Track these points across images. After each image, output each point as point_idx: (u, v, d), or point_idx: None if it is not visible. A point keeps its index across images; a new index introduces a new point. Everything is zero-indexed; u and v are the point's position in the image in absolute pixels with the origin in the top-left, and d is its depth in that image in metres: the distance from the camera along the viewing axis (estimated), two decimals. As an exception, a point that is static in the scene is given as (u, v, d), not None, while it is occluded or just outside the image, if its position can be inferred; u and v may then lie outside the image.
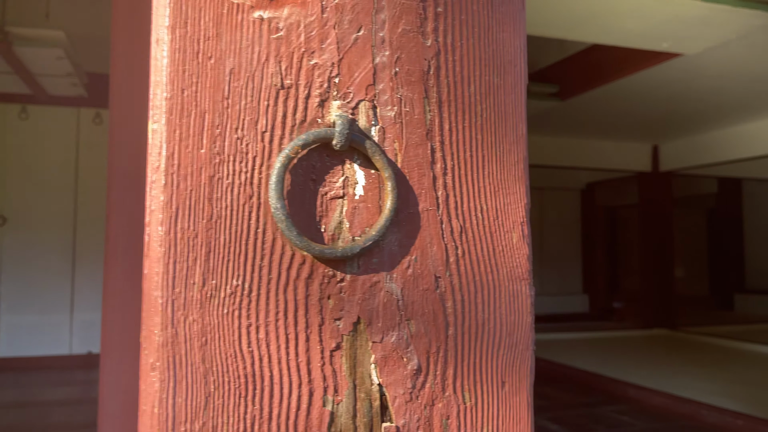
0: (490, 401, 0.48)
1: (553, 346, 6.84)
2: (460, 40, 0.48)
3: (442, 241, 0.47)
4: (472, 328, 0.47)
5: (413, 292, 0.46)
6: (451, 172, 0.48)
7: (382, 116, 0.46)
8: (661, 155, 8.12)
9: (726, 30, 3.59)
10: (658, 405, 4.13)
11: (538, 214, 9.44)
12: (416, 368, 0.45)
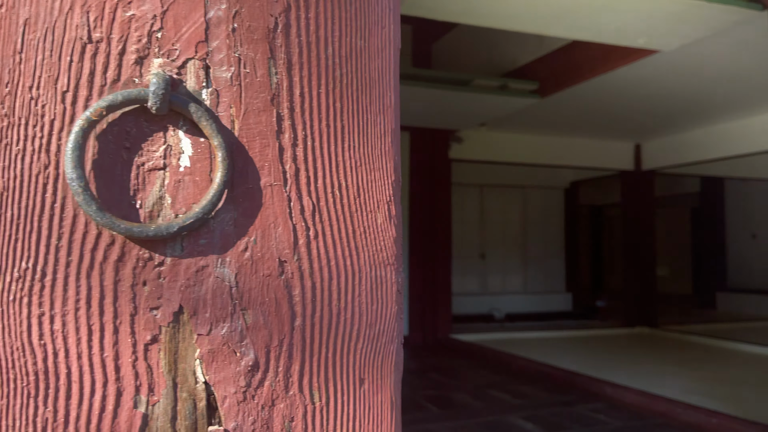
0: (345, 401, 0.43)
1: (535, 344, 6.82)
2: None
3: (289, 221, 0.42)
4: (325, 319, 0.42)
5: (251, 278, 0.40)
6: (302, 143, 0.42)
7: (216, 78, 0.40)
8: (644, 154, 8.12)
9: (701, 26, 3.56)
10: (633, 403, 4.11)
11: (521, 213, 9.43)
12: (252, 364, 0.40)
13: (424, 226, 7.15)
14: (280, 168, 0.42)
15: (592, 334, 7.76)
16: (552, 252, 9.56)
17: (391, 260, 0.45)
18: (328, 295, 0.42)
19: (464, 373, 5.33)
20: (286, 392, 0.41)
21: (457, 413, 3.94)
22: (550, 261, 9.53)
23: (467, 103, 5.44)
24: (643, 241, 8.08)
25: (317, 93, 0.43)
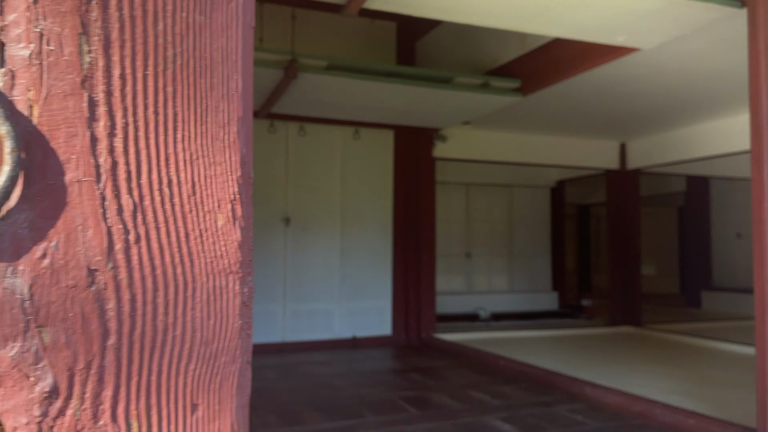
0: (172, 430, 0.37)
1: (520, 343, 6.79)
2: (137, -39, 0.37)
3: (102, 223, 0.36)
4: (147, 337, 0.36)
5: (51, 290, 0.34)
6: (122, 132, 0.37)
7: (12, 56, 0.35)
8: (629, 153, 8.12)
9: (680, 24, 3.53)
10: (612, 403, 4.08)
11: (508, 212, 9.41)
12: (50, 390, 0.34)
13: (408, 226, 7.10)
14: (92, 161, 0.36)
15: (577, 333, 7.74)
16: (538, 251, 9.54)
17: (234, 268, 0.40)
18: (152, 309, 0.37)
19: (445, 373, 5.29)
20: (95, 422, 0.35)
21: (434, 414, 3.89)
22: (536, 260, 9.52)
23: (449, 101, 5.39)
24: (628, 240, 8.08)
25: (143, 75, 0.37)
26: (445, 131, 7.25)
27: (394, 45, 7.12)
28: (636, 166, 8.01)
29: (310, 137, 6.78)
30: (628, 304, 8.03)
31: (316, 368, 5.49)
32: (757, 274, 3.03)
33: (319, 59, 4.62)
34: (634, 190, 8.11)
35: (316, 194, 6.76)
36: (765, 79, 3.02)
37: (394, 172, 7.09)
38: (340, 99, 5.46)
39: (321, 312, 6.71)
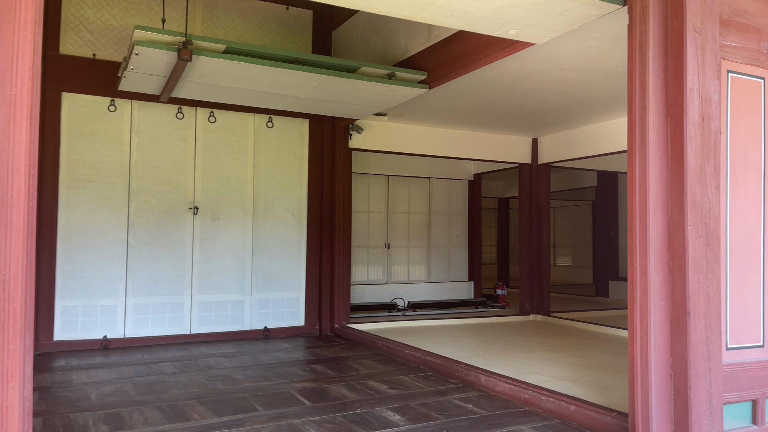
0: None
1: (432, 332, 6.88)
2: None
3: None
4: None
5: None
6: None
7: None
8: (540, 148, 8.35)
9: (567, 19, 3.61)
10: (504, 391, 4.18)
11: (426, 204, 9.50)
12: None
13: (323, 216, 7.03)
14: None
15: (489, 322, 7.93)
16: (456, 242, 9.69)
17: None
18: None
19: (350, 363, 5.27)
20: None
21: (327, 406, 3.86)
22: (453, 251, 9.67)
23: (357, 90, 5.34)
24: (539, 233, 8.32)
25: None
26: (362, 122, 7.20)
27: (310, 33, 7.00)
28: (546, 160, 8.26)
29: (220, 124, 6.57)
30: (537, 293, 8.29)
31: (219, 361, 5.35)
32: (630, 264, 3.15)
33: (216, 42, 4.45)
34: (544, 184, 8.36)
35: (226, 183, 6.57)
36: (639, 77, 3.13)
37: (309, 161, 6.99)
38: (249, 85, 5.30)
39: (231, 303, 6.55)
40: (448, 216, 9.65)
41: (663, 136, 3.08)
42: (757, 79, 3.38)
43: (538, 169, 8.38)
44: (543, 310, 8.26)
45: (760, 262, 3.36)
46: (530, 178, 8.41)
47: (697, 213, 3.00)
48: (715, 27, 3.10)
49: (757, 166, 3.36)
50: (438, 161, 9.23)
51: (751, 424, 3.28)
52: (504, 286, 9.64)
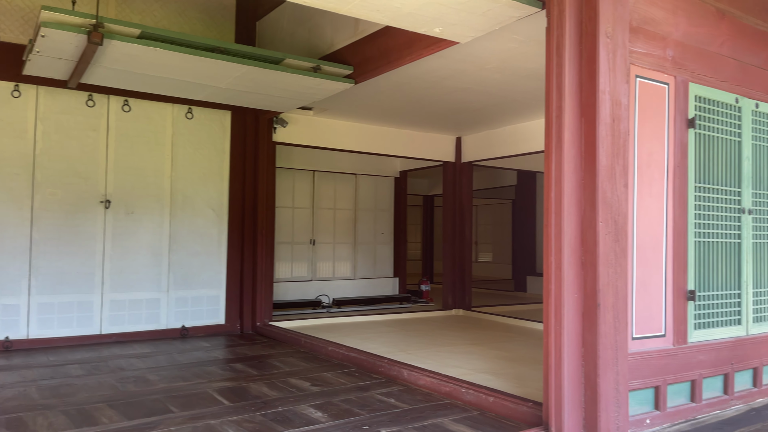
0: None
1: (356, 329, 6.87)
2: None
3: None
4: None
5: None
6: None
7: None
8: (464, 146, 8.52)
9: (489, 19, 3.68)
10: (425, 385, 4.22)
11: (353, 200, 9.48)
12: None
13: (245, 211, 6.85)
14: None
15: (413, 317, 8.02)
16: (382, 239, 9.74)
17: None
18: None
19: (272, 361, 5.17)
20: None
21: (246, 405, 3.76)
22: (379, 247, 9.71)
23: (281, 83, 5.24)
24: (461, 229, 8.50)
25: None
26: (287, 116, 7.07)
27: (233, 23, 6.79)
28: (469, 159, 8.44)
29: (136, 113, 6.26)
30: (460, 288, 8.47)
31: (132, 362, 5.10)
32: (546, 259, 3.26)
33: (131, 26, 4.22)
34: (467, 182, 8.54)
35: (142, 175, 6.27)
36: (556, 79, 3.24)
37: (231, 155, 6.79)
38: (166, 74, 5.07)
39: (146, 302, 6.26)
40: (374, 212, 9.67)
41: (577, 136, 3.20)
42: (662, 84, 3.59)
43: (462, 167, 8.56)
44: (465, 304, 8.45)
45: (663, 256, 3.57)
46: (454, 176, 8.58)
47: (608, 210, 3.14)
48: (625, 33, 3.25)
49: (660, 166, 3.57)
50: (365, 157, 9.23)
51: (654, 410, 3.49)
52: (428, 282, 9.78)
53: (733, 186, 3.98)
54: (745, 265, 4.03)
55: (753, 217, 4.10)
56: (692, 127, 3.71)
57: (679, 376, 3.60)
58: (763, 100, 4.21)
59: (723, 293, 3.90)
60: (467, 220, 8.53)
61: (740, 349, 3.97)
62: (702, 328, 3.76)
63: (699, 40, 3.78)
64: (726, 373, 3.89)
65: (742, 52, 4.06)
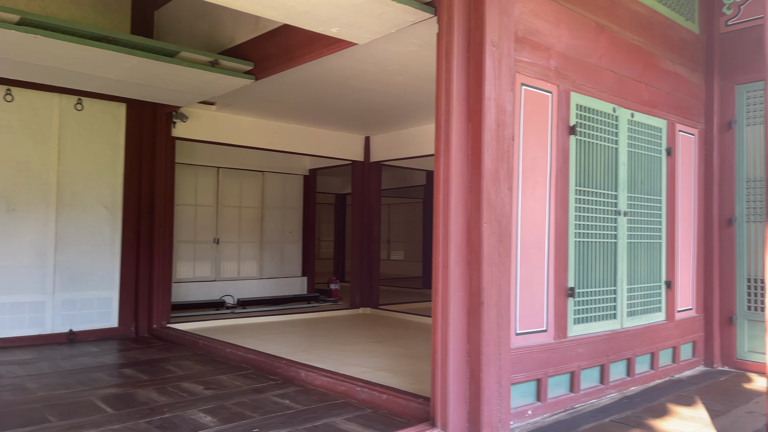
0: None
1: (260, 329, 6.75)
2: None
3: None
4: None
5: None
6: None
7: None
8: (372, 146, 8.60)
9: (385, 22, 3.73)
10: (322, 385, 4.22)
11: (260, 198, 9.31)
12: None
13: (141, 209, 6.55)
14: None
15: (320, 317, 8.00)
16: (290, 237, 9.63)
17: None
18: None
19: (166, 365, 4.98)
20: None
21: (131, 413, 3.60)
22: (287, 246, 9.60)
23: (178, 76, 5.05)
24: (369, 228, 8.57)
25: None
26: (188, 110, 6.84)
27: (129, 11, 6.47)
28: (378, 159, 8.53)
29: (19, 103, 5.82)
30: (367, 287, 8.54)
31: (10, 369, 4.75)
32: (435, 258, 3.35)
33: (9, 12, 3.93)
34: (376, 181, 8.63)
35: (25, 169, 5.84)
36: (445, 84, 3.34)
37: (126, 149, 6.47)
38: (51, 63, 4.75)
39: (28, 305, 5.84)
40: (283, 211, 9.55)
41: (464, 140, 3.31)
42: (546, 93, 3.78)
43: (370, 166, 8.63)
44: (372, 303, 8.53)
45: (545, 255, 3.77)
46: (362, 176, 8.63)
47: (492, 211, 3.27)
48: (510, 43, 3.40)
49: (544, 170, 3.76)
50: (273, 155, 9.08)
51: (536, 401, 3.67)
52: (337, 281, 9.79)
53: (610, 189, 4.26)
54: (620, 263, 4.34)
55: (628, 219, 4.42)
56: (573, 134, 3.94)
57: (560, 368, 3.81)
58: (639, 110, 4.54)
59: (600, 290, 4.18)
60: (375, 219, 8.61)
61: (615, 342, 4.27)
62: (581, 322, 4.01)
63: (580, 52, 4.02)
64: (602, 364, 4.16)
65: (620, 64, 4.36)
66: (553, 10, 3.79)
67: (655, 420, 3.63)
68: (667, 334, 4.79)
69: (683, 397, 4.18)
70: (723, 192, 5.17)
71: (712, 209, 5.20)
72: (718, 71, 5.21)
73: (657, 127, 4.75)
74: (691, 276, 5.11)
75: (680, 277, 4.96)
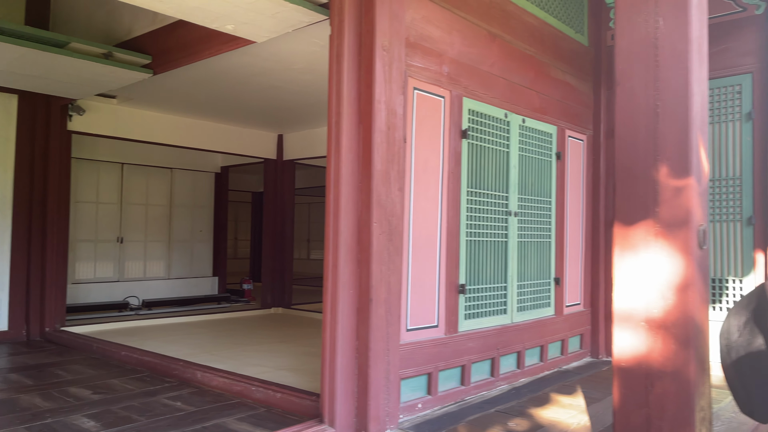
0: None
1: (164, 331, 6.56)
2: None
3: None
4: None
5: None
6: None
7: None
8: (285, 144, 8.55)
9: (281, 22, 3.74)
10: (218, 386, 4.18)
11: (168, 195, 9.04)
12: None
13: (33, 205, 6.20)
14: None
15: (230, 317, 7.87)
16: (200, 236, 9.40)
17: None
18: None
19: (55, 370, 4.75)
20: None
21: (12, 419, 3.42)
22: (197, 245, 9.37)
23: (70, 68, 4.83)
24: (282, 227, 8.52)
25: None
26: (86, 104, 6.54)
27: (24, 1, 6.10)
28: (291, 157, 8.49)
29: None
30: (279, 287, 8.48)
31: None
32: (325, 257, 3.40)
33: None
34: (289, 180, 8.59)
35: None
36: (336, 86, 3.39)
37: (17, 143, 6.10)
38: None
39: None
40: (193, 209, 9.31)
41: (356, 141, 3.38)
42: (438, 98, 3.92)
43: (284, 165, 8.58)
44: (284, 302, 8.49)
45: (437, 254, 3.91)
46: (275, 174, 8.56)
47: (382, 211, 3.36)
48: (401, 47, 3.50)
49: (436, 172, 3.90)
50: (182, 151, 8.84)
51: (427, 395, 3.80)
52: (250, 281, 9.66)
53: (501, 191, 4.47)
54: (511, 261, 4.56)
55: (519, 219, 4.66)
56: (465, 137, 4.10)
57: (451, 362, 3.96)
58: (530, 116, 4.79)
59: (491, 286, 4.38)
60: (289, 218, 8.57)
61: (506, 336, 4.49)
62: (472, 318, 4.18)
63: (473, 59, 4.19)
64: (493, 358, 4.36)
65: (512, 72, 4.58)
66: (445, 18, 3.93)
67: (536, 408, 3.85)
68: (555, 328, 5.07)
69: (566, 387, 4.45)
70: (609, 195, 5.54)
71: (599, 211, 5.56)
72: (605, 81, 5.57)
73: (547, 132, 5.03)
74: (579, 273, 5.44)
75: (569, 274, 5.27)
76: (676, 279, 2.21)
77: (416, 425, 3.48)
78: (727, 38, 4.93)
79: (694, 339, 2.20)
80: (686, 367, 2.18)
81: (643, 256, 2.28)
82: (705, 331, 2.30)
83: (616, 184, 2.39)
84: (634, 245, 2.31)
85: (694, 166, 2.23)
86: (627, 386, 2.30)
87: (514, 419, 3.61)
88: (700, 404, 2.24)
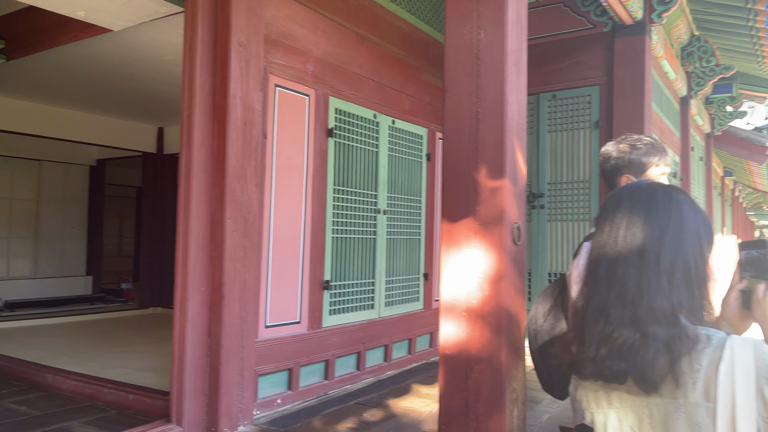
0: None
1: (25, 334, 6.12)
2: None
3: None
4: None
5: None
6: None
7: None
8: (166, 138, 8.25)
9: (134, 11, 3.63)
10: (68, 389, 3.99)
11: (35, 189, 8.43)
12: None
13: None
14: None
15: (102, 318, 7.49)
16: (72, 233, 8.85)
17: None
18: None
19: None
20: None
21: None
22: (69, 243, 8.81)
23: None
24: (162, 224, 8.21)
25: None
26: (-66, 86, 5.97)
27: None
28: (172, 151, 8.20)
29: None
30: (158, 286, 8.17)
31: None
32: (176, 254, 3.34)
33: None
34: (170, 175, 8.28)
35: None
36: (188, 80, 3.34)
37: None
38: None
39: None
40: (63, 203, 8.74)
41: (209, 137, 3.35)
42: (303, 96, 3.96)
43: (164, 159, 8.26)
44: (164, 302, 8.18)
45: (300, 250, 3.95)
46: (155, 169, 8.23)
47: (237, 208, 3.35)
48: (260, 44, 3.51)
49: (300, 169, 3.94)
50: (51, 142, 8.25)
51: (287, 390, 3.84)
52: (129, 280, 9.23)
53: (370, 189, 4.59)
54: (379, 257, 4.69)
55: (388, 217, 4.80)
56: (332, 136, 4.17)
57: (313, 357, 4.02)
58: (400, 118, 4.95)
59: (358, 282, 4.48)
60: (168, 214, 8.25)
61: (373, 330, 4.61)
62: (337, 313, 4.26)
63: (339, 60, 4.27)
64: (359, 352, 4.47)
65: (381, 74, 4.71)
66: (309, 17, 3.98)
67: (395, 399, 4.00)
68: (424, 322, 5.28)
69: (429, 378, 4.64)
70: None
71: (468, 209, 5.83)
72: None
73: (418, 134, 5.22)
74: (448, 269, 5.68)
75: (438, 269, 5.50)
76: (491, 272, 2.39)
77: (272, 420, 3.50)
78: (579, 52, 5.35)
79: (506, 327, 2.39)
80: (499, 353, 2.37)
81: (466, 252, 2.45)
82: (519, 320, 2.51)
83: (443, 184, 2.55)
84: (457, 241, 2.47)
85: (509, 169, 2.42)
86: (450, 372, 2.46)
87: (371, 410, 3.73)
88: (512, 387, 2.44)
